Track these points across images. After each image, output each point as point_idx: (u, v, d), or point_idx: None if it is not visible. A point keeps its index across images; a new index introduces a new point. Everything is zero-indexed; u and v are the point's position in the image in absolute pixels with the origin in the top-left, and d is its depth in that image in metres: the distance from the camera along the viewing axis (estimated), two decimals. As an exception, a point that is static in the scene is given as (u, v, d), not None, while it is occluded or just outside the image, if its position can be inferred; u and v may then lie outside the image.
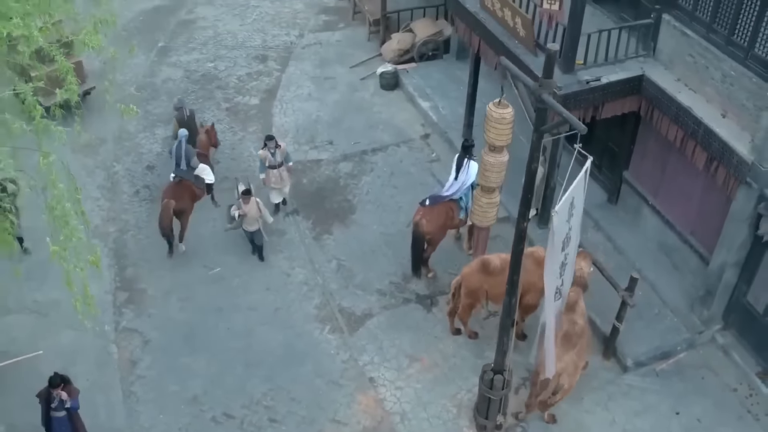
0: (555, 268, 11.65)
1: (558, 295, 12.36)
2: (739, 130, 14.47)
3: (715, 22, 14.85)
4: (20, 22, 10.27)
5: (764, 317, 15.36)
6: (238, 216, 16.78)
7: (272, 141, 17.59)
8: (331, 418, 14.76)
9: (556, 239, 11.07)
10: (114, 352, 15.81)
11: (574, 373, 14.08)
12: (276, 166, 17.77)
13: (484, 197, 13.09)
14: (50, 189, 10.91)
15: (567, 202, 10.83)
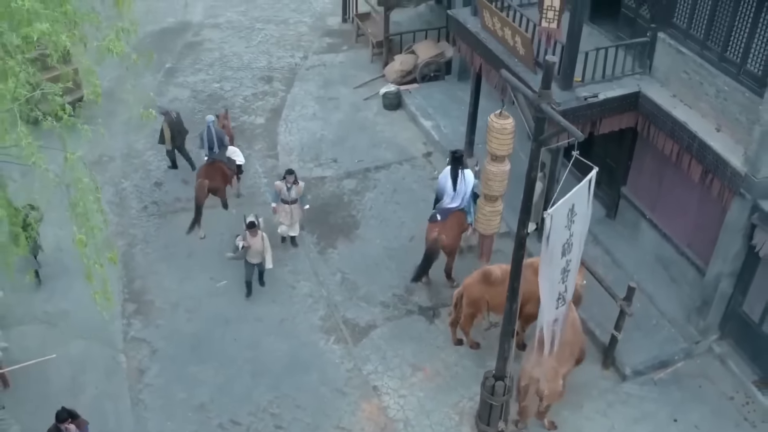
0: (555, 273, 11.97)
1: (562, 301, 12.67)
2: (733, 143, 14.88)
3: (708, 39, 15.34)
4: (50, 28, 10.80)
5: (760, 327, 15.67)
6: (242, 247, 16.69)
7: (291, 176, 17.45)
8: (336, 425, 15.05)
9: (552, 243, 11.41)
10: (122, 361, 16.12)
11: (553, 379, 14.32)
12: (289, 202, 17.68)
13: (487, 206, 13.48)
14: (74, 185, 11.35)
15: (565, 207, 11.18)
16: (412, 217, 19.12)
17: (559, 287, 12.27)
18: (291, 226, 18.13)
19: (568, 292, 12.67)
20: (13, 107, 10.87)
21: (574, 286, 13.08)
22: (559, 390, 14.52)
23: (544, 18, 15.91)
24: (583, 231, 12.15)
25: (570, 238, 11.71)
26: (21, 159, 11.03)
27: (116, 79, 23.51)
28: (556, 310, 12.66)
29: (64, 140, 11.89)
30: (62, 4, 11.45)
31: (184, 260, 18.30)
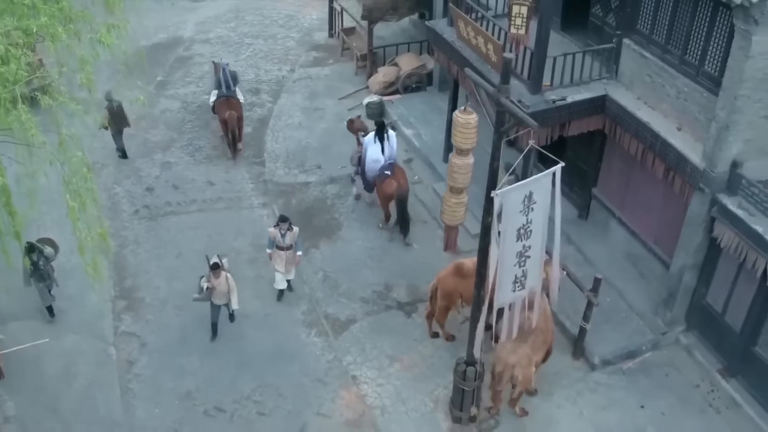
0: (510, 256, 12.65)
1: (519, 285, 13.34)
2: (693, 141, 15.67)
3: (669, 43, 16.18)
4: (47, 21, 11.78)
5: (722, 317, 16.40)
6: (206, 288, 16.46)
7: (285, 223, 17.23)
8: (316, 412, 15.75)
9: (506, 225, 12.10)
10: (113, 353, 16.82)
11: (527, 366, 15.02)
12: (284, 248, 17.40)
13: (453, 198, 14.22)
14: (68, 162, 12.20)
15: (519, 193, 11.90)
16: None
17: (515, 270, 12.93)
18: (287, 272, 17.81)
19: (528, 278, 13.30)
20: (15, 88, 11.79)
21: (538, 275, 13.75)
22: (531, 376, 15.24)
23: (512, 25, 16.76)
24: (542, 220, 12.80)
25: (528, 225, 12.40)
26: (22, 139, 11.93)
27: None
28: (512, 293, 13.31)
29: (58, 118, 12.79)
30: (59, 1, 12.39)
31: (173, 260, 19.05)
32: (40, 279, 16.80)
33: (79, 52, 13.09)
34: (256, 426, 15.48)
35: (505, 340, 14.86)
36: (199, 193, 21.13)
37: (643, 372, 16.70)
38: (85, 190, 12.89)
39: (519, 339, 14.93)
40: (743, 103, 14.31)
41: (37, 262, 16.57)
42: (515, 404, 15.66)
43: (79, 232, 12.69)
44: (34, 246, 16.55)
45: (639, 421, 15.72)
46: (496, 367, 15.10)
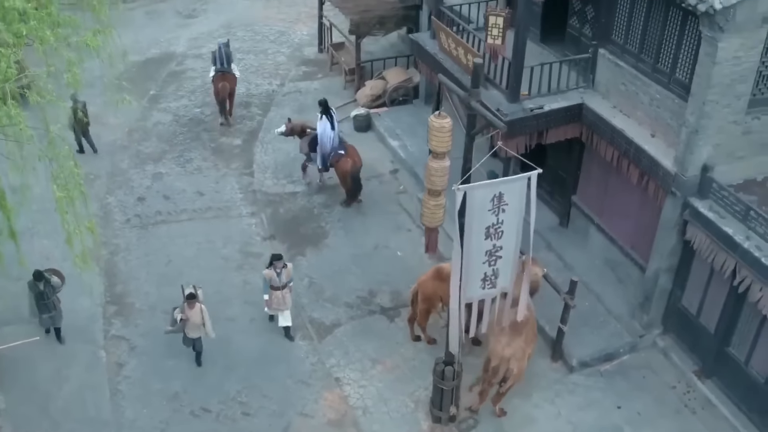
0: (478, 253, 13.06)
1: (489, 284, 13.73)
2: (666, 147, 16.16)
3: (642, 52, 16.70)
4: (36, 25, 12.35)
5: (697, 319, 16.81)
6: (180, 320, 16.29)
7: (280, 261, 16.94)
8: (299, 412, 16.16)
9: (471, 221, 12.55)
10: (103, 356, 17.24)
11: (522, 359, 15.48)
12: (280, 288, 17.05)
13: (431, 200, 14.64)
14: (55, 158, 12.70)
15: (487, 191, 12.34)
16: (377, 228, 20.41)
17: (485, 268, 13.32)
18: (283, 313, 17.50)
19: (499, 278, 13.69)
20: (5, 85, 12.31)
21: (511, 276, 14.11)
22: (524, 369, 15.68)
23: (489, 35, 17.28)
24: (515, 222, 13.13)
25: (498, 225, 12.79)
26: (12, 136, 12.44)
27: (102, 104, 25.00)
28: (481, 290, 13.71)
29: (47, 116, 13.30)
30: (47, 6, 12.97)
31: (162, 267, 19.50)
32: (45, 310, 16.73)
33: (66, 54, 13.57)
34: (240, 425, 15.88)
35: (500, 334, 15.32)
36: (189, 202, 21.63)
37: (621, 374, 17.09)
38: (73, 184, 13.32)
39: (513, 333, 15.37)
40: (712, 108, 14.80)
41: (44, 291, 16.49)
42: (500, 400, 16.02)
43: (67, 224, 13.15)
44: (42, 274, 16.48)
45: (615, 420, 16.10)
46: (492, 362, 15.45)
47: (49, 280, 16.62)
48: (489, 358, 15.59)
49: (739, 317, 15.85)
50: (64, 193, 12.95)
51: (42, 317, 16.82)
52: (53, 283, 16.71)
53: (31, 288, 16.47)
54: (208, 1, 33.41)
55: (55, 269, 17.14)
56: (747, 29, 14.16)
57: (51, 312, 16.79)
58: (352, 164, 21.05)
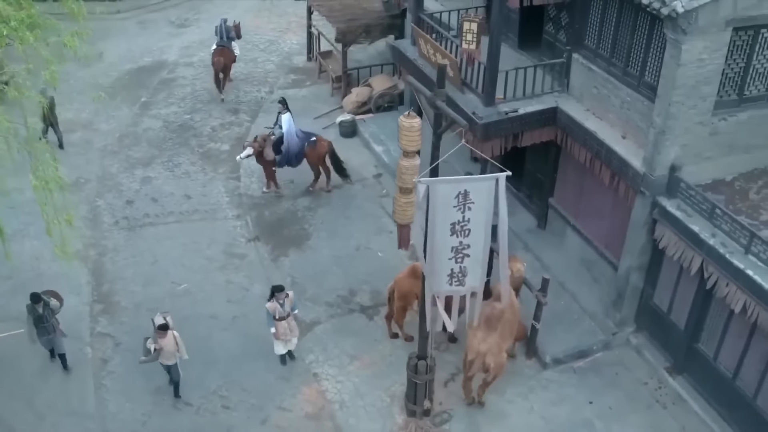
0: (444, 249, 13.40)
1: (457, 281, 14.01)
2: (636, 148, 16.60)
3: (613, 56, 17.18)
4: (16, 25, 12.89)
5: (668, 316, 17.22)
6: (154, 350, 16.06)
7: (282, 292, 16.68)
8: (278, 406, 16.57)
9: (434, 215, 12.95)
10: (88, 352, 17.66)
11: (498, 354, 15.87)
12: (285, 317, 16.91)
13: (402, 198, 15.02)
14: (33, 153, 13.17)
15: (451, 188, 12.69)
16: (359, 230, 20.86)
17: (451, 264, 13.63)
18: (289, 341, 17.31)
19: (467, 276, 13.96)
20: None
21: (480, 277, 14.24)
22: (502, 363, 16.07)
23: (464, 41, 17.77)
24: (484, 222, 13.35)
25: (464, 222, 13.10)
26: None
27: (94, 111, 25.64)
28: (448, 286, 14.01)
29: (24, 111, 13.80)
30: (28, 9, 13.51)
31: (148, 267, 19.96)
32: (44, 332, 16.62)
33: (45, 53, 14.05)
34: (220, 418, 16.29)
35: (476, 329, 15.70)
36: (176, 205, 22.12)
37: (594, 371, 17.48)
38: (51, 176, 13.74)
39: (488, 328, 15.83)
40: (677, 109, 15.26)
41: (43, 314, 16.40)
42: (483, 391, 16.42)
43: (46, 215, 13.54)
44: (39, 297, 16.39)
45: (587, 415, 16.48)
46: (468, 356, 15.90)
47: (48, 302, 16.56)
48: (465, 352, 16.05)
49: (708, 314, 16.27)
50: (42, 184, 13.35)
51: (41, 340, 16.74)
52: (52, 305, 16.63)
53: (30, 311, 16.37)
54: (201, 11, 34.14)
55: (54, 291, 17.14)
56: (710, 32, 14.63)
57: (50, 335, 16.70)
58: (327, 144, 22.17)
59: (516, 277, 16.77)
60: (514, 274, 16.69)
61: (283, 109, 22.19)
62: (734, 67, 15.67)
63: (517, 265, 16.96)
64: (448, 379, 17.12)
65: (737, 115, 16.10)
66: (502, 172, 12.90)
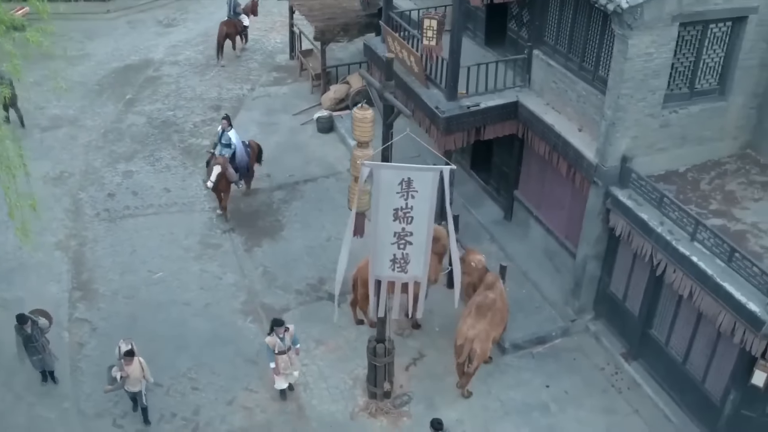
0: (387, 234, 14.05)
1: (399, 267, 14.61)
2: (591, 140, 17.24)
3: (570, 52, 17.84)
4: None
5: (624, 303, 17.82)
6: (120, 377, 15.82)
7: (281, 327, 16.19)
8: (245, 388, 17.24)
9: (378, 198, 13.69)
10: (66, 336, 18.33)
11: (486, 340, 16.48)
12: (285, 351, 16.45)
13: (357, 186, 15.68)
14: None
15: (395, 174, 13.35)
16: (331, 222, 21.51)
17: (394, 249, 14.27)
18: (290, 375, 16.92)
19: (410, 264, 14.55)
20: None
21: (423, 266, 14.77)
22: (488, 350, 16.73)
23: (425, 37, 18.42)
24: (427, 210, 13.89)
25: (407, 209, 13.74)
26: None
27: (80, 108, 26.40)
28: (391, 271, 14.65)
29: None
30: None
31: (127, 257, 20.67)
32: (34, 352, 16.56)
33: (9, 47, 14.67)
34: (189, 398, 16.97)
35: (466, 316, 16.42)
36: (156, 198, 22.82)
37: (552, 356, 18.09)
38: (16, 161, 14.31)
39: (478, 315, 16.47)
40: (626, 102, 15.89)
41: (32, 334, 16.36)
42: (468, 381, 16.93)
43: (9, 198, 14.12)
44: (26, 317, 16.38)
45: (543, 398, 17.09)
46: (457, 341, 16.45)
47: (36, 321, 16.57)
48: (455, 338, 16.57)
49: (659, 301, 16.86)
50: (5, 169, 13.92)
51: (32, 359, 16.73)
52: (41, 324, 16.64)
53: (18, 332, 16.42)
54: (188, 11, 34.96)
55: (43, 310, 17.29)
56: (656, 27, 15.27)
57: (40, 354, 16.67)
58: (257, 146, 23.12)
59: (478, 268, 17.40)
60: (476, 266, 17.35)
61: (227, 126, 21.94)
62: (684, 61, 16.33)
63: (477, 256, 17.59)
64: (410, 363, 17.74)
65: (688, 108, 16.74)
66: (448, 166, 13.55)
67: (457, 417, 16.46)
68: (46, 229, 21.02)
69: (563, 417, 16.74)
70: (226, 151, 21.66)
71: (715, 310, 14.65)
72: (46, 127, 25.90)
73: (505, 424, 16.55)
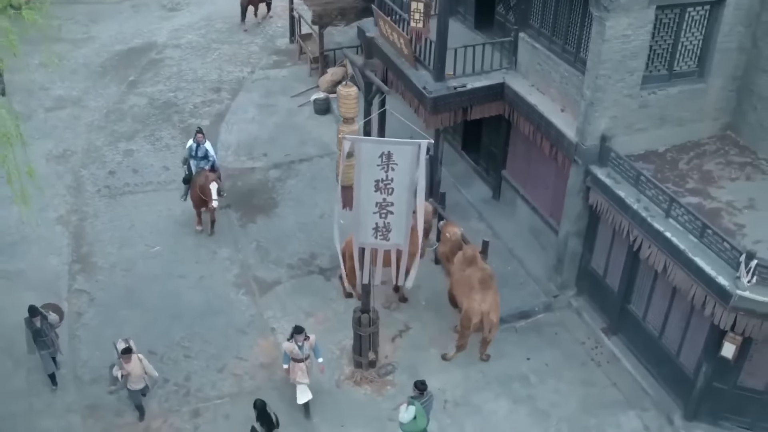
0: (369, 203, 14.69)
1: (381, 235, 15.27)
2: (572, 120, 17.77)
3: (554, 35, 18.39)
4: None
5: (604, 279, 18.37)
6: (121, 376, 15.82)
7: (301, 334, 15.91)
8: (235, 356, 17.89)
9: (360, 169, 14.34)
10: (65, 306, 18.83)
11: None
12: (302, 360, 16.15)
13: (345, 161, 16.29)
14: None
15: (375, 147, 13.98)
16: (325, 200, 22.08)
17: (376, 218, 14.92)
18: (302, 387, 16.43)
19: (392, 232, 15.20)
20: None
21: (404, 235, 15.42)
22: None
23: (412, 19, 18.97)
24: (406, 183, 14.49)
25: (387, 181, 14.36)
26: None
27: (83, 89, 27.10)
28: (374, 239, 15.33)
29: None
30: None
31: (126, 231, 21.35)
32: (43, 346, 16.57)
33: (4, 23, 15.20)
34: (181, 365, 17.62)
35: (473, 293, 16.90)
36: (155, 176, 23.49)
37: (535, 330, 18.66)
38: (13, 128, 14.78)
39: (483, 288, 16.97)
40: (604, 82, 16.41)
41: (41, 328, 16.40)
42: (486, 347, 17.62)
43: (7, 166, 14.62)
44: (37, 310, 16.44)
45: (523, 370, 17.66)
46: (473, 319, 16.90)
47: (46, 316, 16.69)
48: (469, 317, 16.99)
49: (637, 276, 17.39)
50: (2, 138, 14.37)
51: (41, 354, 16.71)
52: (50, 319, 16.75)
53: (28, 325, 16.48)
54: (192, -5, 35.58)
55: (54, 304, 17.51)
56: (633, 10, 15.77)
57: (50, 348, 16.70)
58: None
59: (451, 240, 18.00)
60: (450, 237, 17.97)
61: (203, 139, 20.87)
62: (662, 43, 16.82)
63: (453, 229, 18.18)
64: (396, 335, 18.34)
65: (667, 90, 17.24)
66: (425, 140, 14.16)
67: (439, 386, 16.98)
68: (48, 204, 21.72)
69: (542, 388, 17.28)
70: (204, 164, 20.88)
71: (688, 284, 15.17)
72: (50, 108, 26.58)
73: (486, 394, 17.12)
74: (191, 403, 16.83)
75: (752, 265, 14.00)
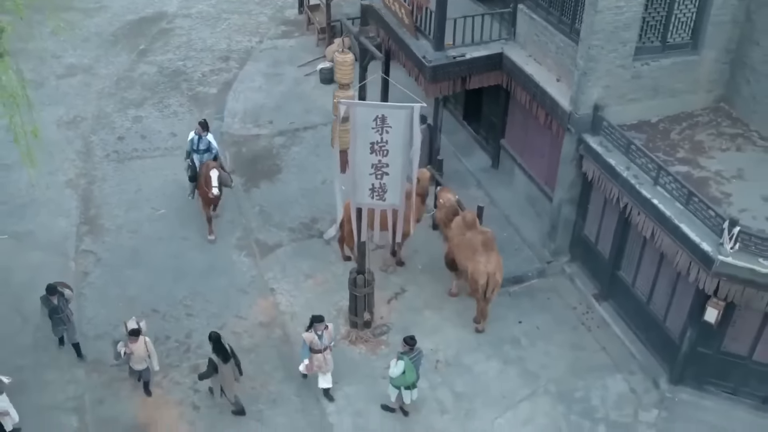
0: (365, 165, 15.16)
1: (377, 195, 15.75)
2: (567, 90, 18.11)
3: (551, 6, 18.70)
4: None
5: (596, 246, 18.79)
6: (124, 354, 15.98)
7: (321, 324, 15.81)
8: (235, 314, 18.48)
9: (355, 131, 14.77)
10: (72, 266, 19.62)
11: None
12: (321, 350, 16.09)
13: (341, 126, 16.75)
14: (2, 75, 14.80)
15: (369, 110, 14.44)
16: (327, 167, 22.45)
17: (372, 179, 15.40)
18: (324, 375, 16.50)
19: (387, 193, 15.66)
20: None
21: (400, 195, 15.83)
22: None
23: (412, -11, 19.41)
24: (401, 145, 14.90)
25: (382, 143, 14.81)
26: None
27: (95, 57, 27.66)
28: (370, 199, 15.81)
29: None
30: None
31: (132, 195, 21.94)
32: (59, 323, 16.85)
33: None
34: (183, 323, 18.24)
35: (477, 256, 17.29)
36: (162, 142, 24.05)
37: (528, 295, 19.13)
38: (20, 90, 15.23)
39: (486, 250, 17.36)
40: (597, 53, 16.76)
41: (58, 305, 16.60)
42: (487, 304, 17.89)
43: (14, 125, 15.13)
44: (55, 288, 16.57)
45: (514, 333, 18.16)
46: (480, 280, 17.26)
47: (63, 293, 16.82)
48: (476, 279, 17.37)
49: (626, 243, 17.80)
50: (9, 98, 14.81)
51: (57, 329, 17.04)
52: (66, 296, 16.92)
53: (45, 303, 16.68)
54: (204, -34, 35.90)
55: (64, 282, 17.45)
56: (626, -19, 16.11)
57: (65, 325, 16.97)
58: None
59: (446, 206, 18.48)
60: (444, 203, 18.45)
61: (203, 131, 20.56)
62: (655, 15, 17.11)
63: (448, 195, 18.65)
64: (392, 297, 18.85)
65: (660, 61, 17.54)
66: (418, 103, 14.60)
67: (432, 347, 17.55)
68: (58, 168, 22.39)
69: (533, 350, 17.77)
70: (207, 157, 20.59)
71: (674, 250, 15.59)
72: (61, 75, 27.18)
73: (477, 355, 17.63)
74: (191, 359, 17.44)
75: (735, 232, 14.41)
